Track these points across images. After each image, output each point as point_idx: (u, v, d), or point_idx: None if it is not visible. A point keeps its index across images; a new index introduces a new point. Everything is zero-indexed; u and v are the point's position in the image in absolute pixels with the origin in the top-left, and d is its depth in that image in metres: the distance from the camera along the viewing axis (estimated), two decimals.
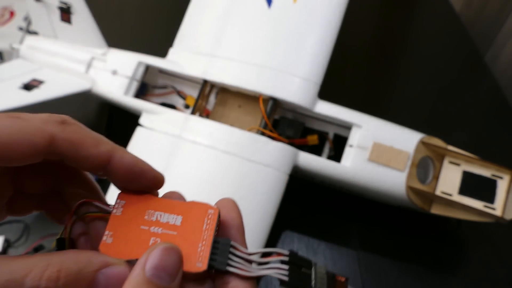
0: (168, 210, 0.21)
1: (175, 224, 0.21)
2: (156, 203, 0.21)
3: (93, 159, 0.21)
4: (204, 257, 0.20)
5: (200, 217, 0.21)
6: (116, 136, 0.77)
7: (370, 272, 0.57)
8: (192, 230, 0.20)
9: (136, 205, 0.21)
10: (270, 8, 0.60)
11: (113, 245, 0.20)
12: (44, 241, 0.59)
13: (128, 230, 0.21)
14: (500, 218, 0.49)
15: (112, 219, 0.21)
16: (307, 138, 0.59)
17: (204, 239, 0.20)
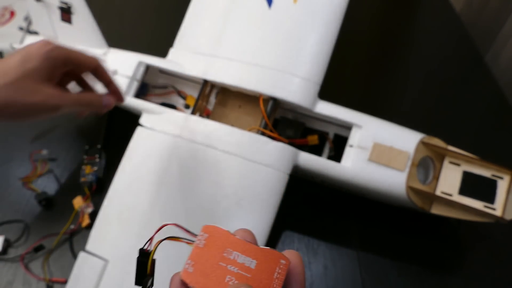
0: (244, 252, 0.23)
1: (249, 267, 0.22)
2: (234, 243, 0.23)
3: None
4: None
5: (273, 265, 0.22)
6: (116, 136, 0.78)
7: (370, 272, 0.57)
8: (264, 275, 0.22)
9: (217, 241, 0.23)
10: (270, 8, 0.60)
11: (193, 274, 0.22)
12: (44, 241, 0.59)
13: (208, 264, 0.22)
14: (500, 218, 0.49)
15: (195, 249, 0.23)
16: (308, 138, 0.59)
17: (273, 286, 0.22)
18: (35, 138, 0.73)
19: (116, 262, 0.50)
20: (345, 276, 0.57)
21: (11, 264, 0.59)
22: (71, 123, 0.75)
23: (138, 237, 0.51)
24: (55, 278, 0.57)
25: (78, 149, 0.71)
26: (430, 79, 0.81)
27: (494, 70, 0.84)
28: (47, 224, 0.62)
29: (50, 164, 0.69)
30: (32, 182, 0.67)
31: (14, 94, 0.36)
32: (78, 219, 0.61)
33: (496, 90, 0.79)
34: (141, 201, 0.53)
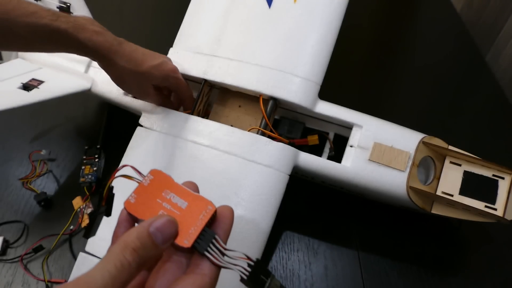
0: (180, 195, 0.28)
1: (180, 207, 0.27)
2: (174, 187, 0.28)
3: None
4: (192, 238, 0.26)
5: (200, 208, 0.27)
6: (116, 136, 0.78)
7: (370, 273, 0.57)
8: (190, 215, 0.27)
9: (160, 183, 0.29)
10: (270, 8, 0.60)
11: (133, 205, 0.28)
12: (43, 242, 0.59)
13: (147, 199, 0.28)
14: (501, 218, 0.49)
15: (140, 186, 0.28)
16: (308, 138, 0.59)
17: (196, 225, 0.26)
18: (34, 138, 0.73)
19: None
20: (346, 276, 0.56)
21: (10, 264, 0.59)
22: (70, 123, 0.75)
23: None
24: (55, 279, 0.57)
25: (78, 149, 0.70)
26: (431, 79, 0.81)
27: (494, 70, 0.84)
28: (47, 224, 0.62)
29: (49, 164, 0.69)
30: (31, 183, 0.67)
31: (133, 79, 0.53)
32: (77, 220, 0.61)
33: (497, 90, 0.79)
34: None
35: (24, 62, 0.68)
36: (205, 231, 0.26)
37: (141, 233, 0.25)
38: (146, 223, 0.25)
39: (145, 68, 0.52)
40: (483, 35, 0.91)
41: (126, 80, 0.53)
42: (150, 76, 0.53)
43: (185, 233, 0.26)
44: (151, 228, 0.25)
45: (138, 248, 0.24)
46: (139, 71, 0.51)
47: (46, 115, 0.75)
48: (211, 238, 0.26)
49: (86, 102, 0.77)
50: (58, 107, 0.76)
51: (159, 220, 0.25)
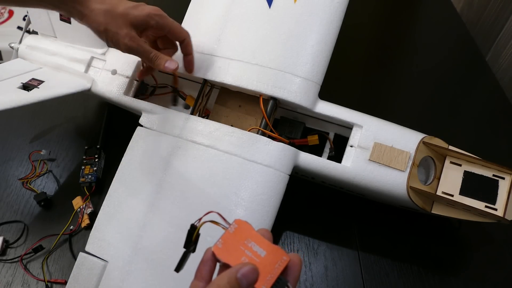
0: (259, 244, 0.32)
1: (260, 255, 0.31)
2: (255, 236, 0.32)
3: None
4: (268, 284, 0.30)
5: (277, 258, 0.31)
6: (116, 136, 0.78)
7: (370, 273, 0.57)
8: (268, 263, 0.31)
9: (243, 231, 0.32)
10: (270, 8, 0.60)
11: (221, 249, 0.31)
12: (43, 242, 0.59)
13: (232, 245, 0.32)
14: (501, 218, 0.49)
15: (226, 233, 0.32)
16: (308, 138, 0.59)
17: (272, 273, 0.30)
18: (34, 138, 0.73)
19: (115, 263, 0.50)
20: (346, 276, 0.56)
21: (10, 264, 0.58)
22: (70, 123, 0.75)
23: (138, 238, 0.51)
24: (55, 279, 0.57)
25: (78, 149, 0.70)
26: (431, 79, 0.81)
27: (495, 70, 0.84)
28: (46, 224, 0.62)
29: (49, 164, 0.69)
30: (31, 183, 0.67)
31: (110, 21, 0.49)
32: (77, 220, 0.61)
33: (497, 90, 0.79)
34: (141, 201, 0.53)
35: (24, 62, 0.68)
36: (280, 279, 0.30)
37: (231, 278, 0.29)
38: (234, 269, 0.29)
39: (122, 8, 0.49)
40: (483, 35, 0.91)
41: (103, 21, 0.49)
42: (130, 16, 0.49)
43: (263, 279, 0.30)
44: (238, 274, 0.29)
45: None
46: (117, 12, 0.48)
47: (46, 115, 0.75)
48: (284, 285, 0.30)
49: (86, 102, 0.77)
50: (58, 107, 0.76)
51: (245, 267, 0.29)
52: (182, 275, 0.34)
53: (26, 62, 0.68)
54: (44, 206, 0.64)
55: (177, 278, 0.47)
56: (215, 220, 0.33)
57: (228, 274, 0.29)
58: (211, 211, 0.33)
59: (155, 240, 0.50)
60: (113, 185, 0.54)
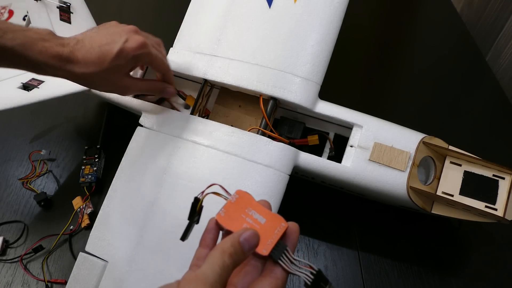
0: (260, 212, 0.34)
1: (260, 222, 0.33)
2: (255, 205, 0.34)
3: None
4: (269, 248, 0.32)
5: (276, 224, 0.33)
6: (116, 136, 0.78)
7: (370, 273, 0.57)
8: (268, 229, 0.33)
9: (244, 201, 0.34)
10: (270, 8, 0.60)
11: (224, 218, 0.33)
12: (43, 242, 0.59)
13: (234, 213, 0.34)
14: (501, 218, 0.49)
15: (228, 203, 0.34)
16: (308, 138, 0.59)
17: (272, 238, 0.32)
18: (34, 138, 0.73)
19: (115, 262, 0.50)
20: (346, 276, 0.56)
21: (10, 265, 0.58)
22: (70, 123, 0.75)
23: (138, 238, 0.51)
24: (55, 279, 0.57)
25: (78, 149, 0.70)
26: (431, 79, 0.81)
27: (495, 70, 0.84)
28: (46, 224, 0.62)
29: (49, 164, 0.69)
30: (31, 183, 0.67)
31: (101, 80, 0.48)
32: (77, 220, 0.61)
33: (497, 90, 0.79)
34: (141, 201, 0.53)
35: None
36: (279, 243, 0.32)
37: (234, 242, 0.31)
38: (237, 234, 0.31)
39: (108, 62, 0.46)
40: (483, 35, 0.91)
41: (97, 83, 0.48)
42: (118, 67, 0.47)
43: (263, 243, 0.32)
44: (241, 238, 0.31)
45: (232, 253, 0.30)
46: (104, 69, 0.46)
47: (46, 115, 0.75)
48: (283, 249, 0.32)
49: (86, 102, 0.77)
50: (58, 107, 0.76)
51: (246, 232, 0.31)
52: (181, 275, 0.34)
53: None
54: (44, 206, 0.64)
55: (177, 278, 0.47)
56: (218, 191, 0.35)
57: (231, 238, 0.31)
58: (213, 184, 0.35)
59: (155, 240, 0.50)
60: (113, 185, 0.54)
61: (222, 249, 0.30)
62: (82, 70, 0.45)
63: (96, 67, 0.46)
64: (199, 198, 0.36)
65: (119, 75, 0.48)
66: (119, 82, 0.49)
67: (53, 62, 0.44)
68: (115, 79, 0.48)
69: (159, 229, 0.51)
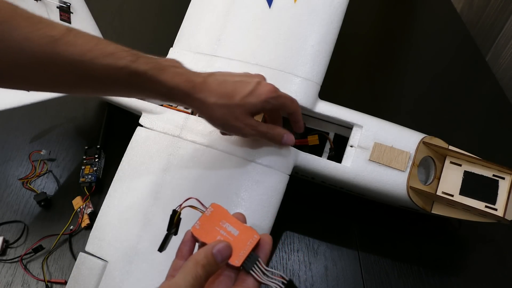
0: (233, 225, 0.36)
1: (233, 234, 0.35)
2: (229, 218, 0.36)
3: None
4: (241, 259, 0.33)
5: (249, 236, 0.35)
6: (116, 136, 0.78)
7: (370, 273, 0.57)
8: (241, 241, 0.34)
9: (218, 214, 0.36)
10: (270, 8, 0.60)
11: (199, 230, 0.35)
12: (43, 242, 0.59)
13: (209, 226, 0.35)
14: (501, 218, 0.49)
15: (204, 216, 0.36)
16: (308, 138, 0.59)
17: (245, 250, 0.34)
18: (34, 138, 0.73)
19: (115, 263, 0.50)
20: (346, 276, 0.56)
21: (10, 264, 0.59)
22: (70, 123, 0.75)
23: (138, 238, 0.51)
24: (55, 279, 0.57)
25: (78, 149, 0.70)
26: (431, 79, 0.81)
27: (494, 70, 0.84)
28: (46, 224, 0.62)
29: (49, 164, 0.69)
30: (31, 183, 0.67)
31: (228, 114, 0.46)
32: (77, 220, 0.61)
33: (497, 90, 0.79)
34: (141, 201, 0.53)
35: None
36: (251, 254, 0.34)
37: (207, 253, 0.32)
38: (210, 246, 0.33)
39: (239, 98, 0.46)
40: (483, 35, 0.91)
41: (221, 116, 0.46)
42: (247, 105, 0.46)
43: (236, 255, 0.34)
44: (214, 250, 0.32)
45: (205, 264, 0.31)
46: (233, 104, 0.46)
47: (46, 115, 0.75)
48: (255, 260, 0.34)
49: (86, 102, 0.77)
50: (58, 107, 0.76)
51: (219, 244, 0.33)
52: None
53: None
54: (44, 206, 0.64)
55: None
56: (194, 205, 0.37)
57: (205, 250, 0.33)
58: (190, 198, 0.37)
59: (155, 240, 0.50)
60: (113, 185, 0.54)
61: (196, 260, 0.32)
62: (213, 100, 0.45)
63: (228, 99, 0.45)
64: (177, 210, 0.38)
65: (247, 114, 0.47)
66: (246, 120, 0.47)
67: (186, 88, 0.44)
68: (242, 117, 0.47)
69: (159, 229, 0.51)
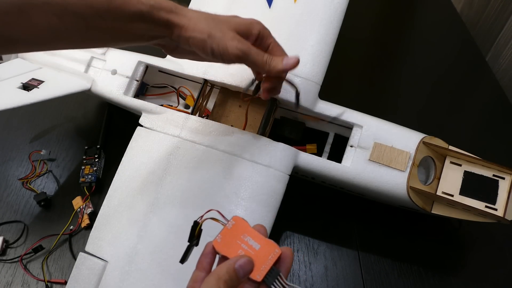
0: (254, 238, 0.35)
1: (255, 248, 0.35)
2: (250, 231, 0.36)
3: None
4: (262, 274, 0.33)
5: (270, 251, 0.34)
6: (116, 136, 0.78)
7: (370, 273, 0.57)
8: (262, 255, 0.34)
9: (239, 227, 0.36)
10: (270, 8, 0.60)
11: (220, 244, 0.35)
12: (43, 242, 0.59)
13: (230, 239, 0.35)
14: (501, 218, 0.49)
15: (225, 229, 0.36)
16: (306, 146, 0.59)
17: (266, 264, 0.34)
18: (34, 138, 0.73)
19: (115, 263, 0.50)
20: (346, 276, 0.56)
21: (10, 264, 0.58)
22: (70, 123, 0.75)
23: (138, 238, 0.51)
24: (54, 279, 0.57)
25: (78, 149, 0.70)
26: (431, 79, 0.81)
27: (495, 70, 0.84)
28: (46, 224, 0.62)
29: (49, 164, 0.69)
30: (31, 183, 0.67)
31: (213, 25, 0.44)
32: (77, 220, 0.61)
33: (497, 90, 0.79)
34: (141, 201, 0.53)
35: (24, 62, 0.68)
36: (272, 269, 0.34)
37: (230, 269, 0.32)
38: (232, 261, 0.33)
39: (222, 16, 0.46)
40: (483, 35, 0.91)
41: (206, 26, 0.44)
42: (232, 21, 0.45)
43: (257, 269, 0.33)
44: (236, 265, 0.33)
45: (227, 280, 0.32)
46: (218, 18, 0.45)
47: (46, 115, 0.75)
48: (276, 275, 0.33)
49: (86, 102, 0.77)
50: (58, 107, 0.76)
51: (241, 259, 0.33)
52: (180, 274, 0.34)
53: (26, 62, 0.68)
54: (44, 206, 0.64)
55: (176, 278, 0.47)
56: (215, 217, 0.37)
57: (227, 265, 0.33)
58: (211, 209, 0.37)
59: (155, 240, 0.50)
60: (113, 185, 0.54)
61: (218, 275, 0.32)
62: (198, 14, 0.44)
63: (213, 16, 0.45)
64: (198, 222, 0.37)
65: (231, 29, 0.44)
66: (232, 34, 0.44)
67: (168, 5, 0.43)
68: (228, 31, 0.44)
69: (159, 229, 0.51)
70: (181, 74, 0.61)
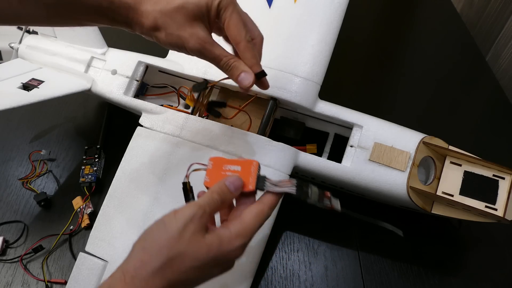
0: (234, 164, 0.40)
1: (237, 170, 0.40)
2: (228, 161, 0.40)
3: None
4: (253, 184, 0.39)
5: (250, 165, 0.39)
6: (116, 136, 0.78)
7: (370, 273, 0.57)
8: (246, 172, 0.39)
9: (218, 163, 0.41)
10: (270, 8, 0.60)
11: (210, 182, 0.40)
12: (43, 242, 0.59)
13: (216, 174, 0.40)
14: (501, 218, 0.49)
15: (208, 170, 0.41)
16: (306, 146, 0.59)
17: (252, 176, 0.39)
18: (34, 138, 0.73)
19: (115, 262, 0.50)
20: (346, 276, 0.56)
21: (10, 264, 0.58)
22: (70, 123, 0.75)
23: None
24: (54, 279, 0.57)
25: (78, 149, 0.70)
26: (431, 78, 0.81)
27: (495, 70, 0.84)
28: (46, 224, 0.62)
29: (49, 164, 0.69)
30: (31, 183, 0.67)
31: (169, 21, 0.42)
32: (77, 220, 0.61)
33: (497, 90, 0.79)
34: (141, 201, 0.53)
35: (24, 62, 0.68)
36: (259, 176, 0.39)
37: (221, 186, 0.37)
38: (222, 181, 0.38)
39: (178, 1, 0.41)
40: (483, 35, 0.91)
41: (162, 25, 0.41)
42: (188, 5, 0.41)
43: (247, 182, 0.39)
44: (226, 182, 0.38)
45: (220, 192, 0.37)
46: (172, 7, 0.41)
47: (46, 115, 0.75)
48: (264, 179, 0.39)
49: (86, 102, 0.77)
50: (58, 107, 0.76)
51: (230, 177, 0.38)
52: None
53: (26, 62, 0.68)
54: (44, 206, 0.64)
55: None
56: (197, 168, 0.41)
57: (218, 183, 0.38)
58: (191, 164, 0.41)
59: None
60: (113, 185, 0.54)
61: (211, 190, 0.37)
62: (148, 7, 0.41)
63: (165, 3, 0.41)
64: (186, 181, 0.41)
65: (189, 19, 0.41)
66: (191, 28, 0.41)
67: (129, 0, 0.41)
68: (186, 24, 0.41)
69: None
70: (181, 74, 0.61)
